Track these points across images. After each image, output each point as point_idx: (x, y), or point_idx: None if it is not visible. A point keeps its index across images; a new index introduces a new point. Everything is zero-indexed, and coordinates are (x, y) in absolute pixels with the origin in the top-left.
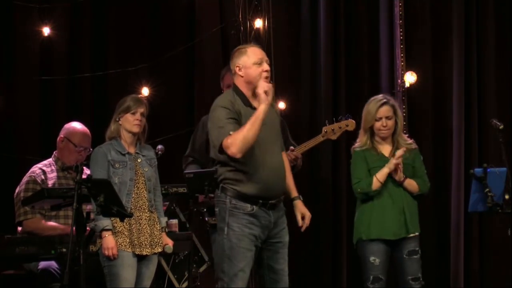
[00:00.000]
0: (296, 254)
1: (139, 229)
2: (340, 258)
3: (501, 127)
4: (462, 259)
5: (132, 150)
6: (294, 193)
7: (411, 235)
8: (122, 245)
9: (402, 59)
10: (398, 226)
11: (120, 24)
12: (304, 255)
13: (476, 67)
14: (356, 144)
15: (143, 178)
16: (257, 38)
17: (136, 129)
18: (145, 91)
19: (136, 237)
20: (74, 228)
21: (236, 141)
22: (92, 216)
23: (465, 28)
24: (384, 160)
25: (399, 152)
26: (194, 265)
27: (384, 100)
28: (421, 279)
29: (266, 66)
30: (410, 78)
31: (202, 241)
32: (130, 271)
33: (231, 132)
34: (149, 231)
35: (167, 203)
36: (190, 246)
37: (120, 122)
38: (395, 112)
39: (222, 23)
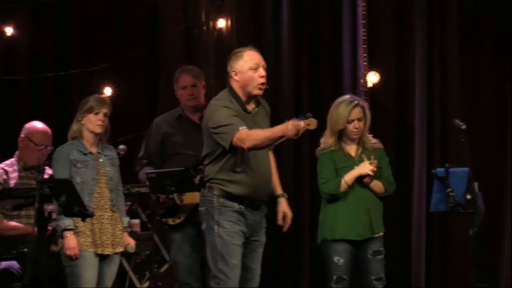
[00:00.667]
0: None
1: (101, 228)
2: (301, 259)
3: (463, 127)
4: (423, 259)
5: (94, 150)
6: (279, 190)
7: (376, 235)
8: (84, 245)
9: (365, 59)
10: (363, 226)
11: (83, 24)
12: (266, 256)
13: (439, 67)
14: (321, 146)
15: (105, 177)
16: (220, 38)
17: (98, 130)
18: (107, 91)
19: (98, 237)
20: (35, 228)
21: (253, 138)
22: (54, 216)
23: (428, 28)
24: (351, 161)
25: (375, 163)
26: (156, 265)
27: (356, 101)
28: (383, 279)
29: (262, 71)
30: (373, 78)
31: (163, 241)
32: (91, 271)
33: (242, 128)
34: (111, 231)
35: (129, 203)
36: (152, 246)
37: (82, 122)
38: (364, 113)
39: (185, 23)
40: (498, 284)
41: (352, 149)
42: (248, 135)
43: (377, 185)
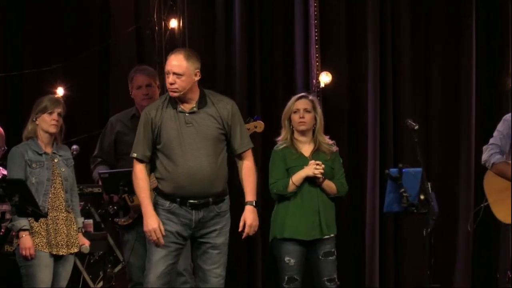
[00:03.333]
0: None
1: (56, 229)
2: (255, 259)
3: (416, 127)
4: (377, 259)
5: (49, 150)
6: (247, 197)
7: (326, 236)
8: (39, 245)
9: (317, 59)
10: (312, 227)
11: (34, 24)
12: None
13: (391, 67)
14: (279, 139)
15: (60, 178)
16: (172, 38)
17: (53, 129)
18: (60, 91)
19: (53, 237)
20: None
21: (135, 178)
22: (8, 215)
23: (380, 28)
24: (303, 160)
25: (320, 169)
26: (109, 265)
27: (303, 94)
28: (336, 279)
29: (168, 78)
30: (325, 78)
31: (117, 241)
32: (46, 272)
33: (134, 154)
34: (66, 231)
35: (82, 203)
36: (105, 246)
37: (37, 122)
38: (314, 108)
39: (137, 23)
40: (452, 285)
41: (305, 148)
42: (136, 172)
43: (329, 186)
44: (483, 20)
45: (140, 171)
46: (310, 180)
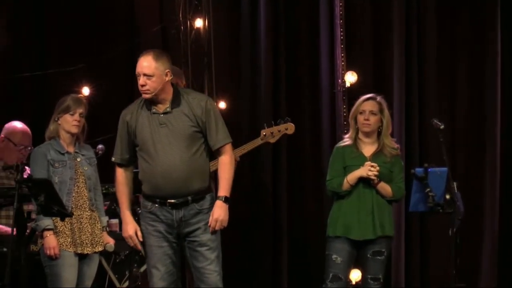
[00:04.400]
0: (236, 255)
1: (80, 228)
2: (280, 260)
3: (442, 127)
4: (403, 258)
5: (71, 149)
6: (219, 192)
7: (379, 237)
8: (63, 245)
9: (342, 59)
10: (364, 227)
11: (60, 24)
12: (245, 257)
13: (417, 66)
14: (345, 136)
15: (83, 177)
16: (197, 38)
17: (74, 130)
18: (85, 91)
19: (77, 236)
20: (15, 227)
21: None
22: (33, 215)
23: (406, 27)
24: (361, 160)
25: (374, 171)
26: (135, 265)
27: (372, 95)
28: (381, 280)
29: (139, 80)
30: (350, 78)
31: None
32: (71, 271)
33: (113, 158)
34: (90, 230)
35: (108, 202)
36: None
37: (59, 122)
38: (381, 110)
39: (162, 23)
40: (477, 284)
41: (367, 149)
42: (116, 176)
43: (384, 188)
44: (509, 19)
45: (119, 175)
46: (366, 181)
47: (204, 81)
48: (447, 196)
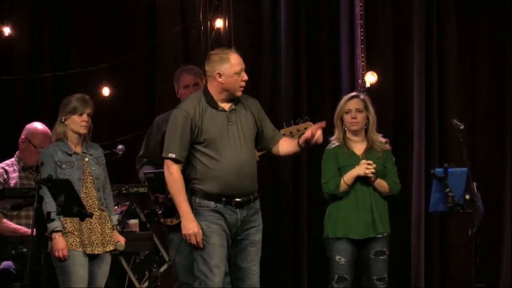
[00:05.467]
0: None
1: (89, 228)
2: (300, 259)
3: (462, 127)
4: (422, 259)
5: (78, 150)
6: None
7: (379, 235)
8: (72, 245)
9: (362, 59)
10: (365, 225)
11: (81, 24)
12: (265, 256)
13: (437, 67)
14: (332, 138)
15: (91, 177)
16: (217, 38)
17: (83, 130)
18: (105, 91)
19: (87, 237)
20: (34, 228)
21: (167, 176)
22: (53, 216)
23: (426, 28)
24: (355, 159)
25: (371, 168)
26: (155, 265)
27: (355, 94)
28: (386, 279)
29: (245, 76)
30: (370, 78)
31: (162, 241)
32: (82, 270)
33: (171, 155)
34: (100, 230)
35: (128, 203)
36: (151, 246)
37: (66, 123)
38: (366, 107)
39: (183, 23)
40: (498, 284)
41: (357, 147)
42: (172, 173)
43: (381, 185)
44: None
45: (176, 172)
46: (362, 179)
47: None
48: (467, 196)
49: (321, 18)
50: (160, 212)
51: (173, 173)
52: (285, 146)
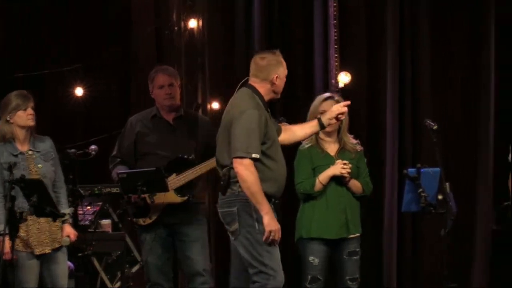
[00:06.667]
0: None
1: (38, 228)
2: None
3: (435, 127)
4: (395, 258)
5: (25, 148)
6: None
7: (352, 235)
8: (19, 246)
9: (336, 59)
10: (339, 225)
11: (55, 24)
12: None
13: (411, 67)
14: (304, 141)
15: (37, 176)
16: (191, 39)
17: (31, 123)
18: (79, 91)
19: (35, 237)
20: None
21: (247, 176)
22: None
23: (399, 28)
24: (329, 159)
25: (347, 168)
26: (127, 265)
27: (329, 95)
28: (358, 279)
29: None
30: (344, 78)
31: (134, 241)
32: (27, 272)
33: (255, 155)
34: (48, 229)
35: (100, 203)
36: (123, 246)
37: (11, 121)
38: None
39: (157, 24)
40: (469, 284)
41: (330, 148)
42: (254, 172)
43: (355, 185)
44: (503, 20)
45: (255, 171)
46: (336, 180)
47: (197, 81)
48: (440, 197)
49: (295, 18)
50: (133, 212)
51: (254, 172)
52: (300, 130)
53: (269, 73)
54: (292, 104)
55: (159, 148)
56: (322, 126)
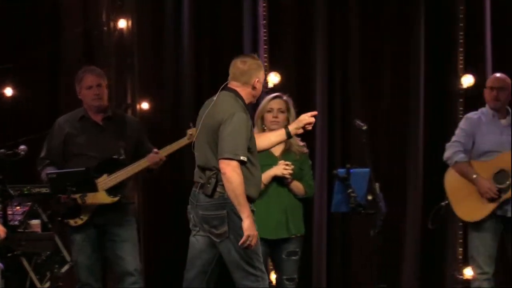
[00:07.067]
0: (157, 256)
1: None
2: None
3: (364, 127)
4: (324, 259)
5: None
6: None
7: (292, 236)
8: None
9: (265, 59)
10: (279, 226)
11: None
12: (165, 257)
13: (340, 67)
14: None
15: None
16: (121, 39)
17: None
18: (8, 91)
19: None
20: None
21: (233, 177)
22: None
23: (329, 28)
24: (272, 159)
25: (289, 169)
26: (56, 266)
27: (279, 94)
28: (296, 279)
29: None
30: (273, 78)
31: (64, 241)
32: None
33: (243, 158)
34: None
35: (30, 203)
36: (52, 246)
37: None
38: (288, 109)
39: (86, 24)
40: (399, 285)
41: (276, 148)
42: (240, 174)
43: (296, 187)
44: (432, 20)
45: (241, 174)
46: (278, 180)
47: (127, 82)
48: (369, 197)
49: (224, 18)
50: (63, 212)
51: (240, 175)
52: (264, 139)
53: (251, 77)
54: None
55: (88, 149)
56: (289, 135)
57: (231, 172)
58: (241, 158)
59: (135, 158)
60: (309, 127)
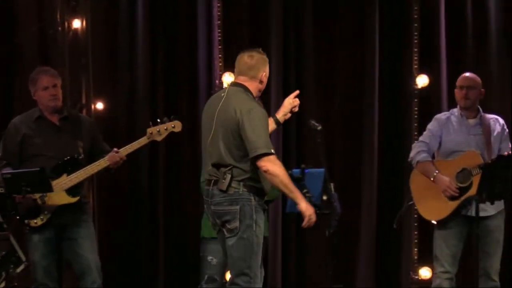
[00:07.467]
0: (113, 256)
1: None
2: (157, 261)
3: (319, 128)
4: (279, 259)
5: None
6: None
7: None
8: None
9: (220, 59)
10: None
11: None
12: (121, 258)
13: (295, 68)
14: None
15: None
16: (75, 38)
17: None
18: None
19: None
20: None
21: (276, 170)
22: None
23: (283, 29)
24: None
25: None
26: (12, 266)
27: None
28: None
29: None
30: (228, 79)
31: (19, 241)
32: None
33: (273, 150)
34: None
35: None
36: (8, 246)
37: None
38: None
39: (40, 23)
40: (354, 285)
41: None
42: (280, 164)
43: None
44: (387, 20)
45: (281, 164)
46: None
47: (81, 81)
48: (324, 197)
49: (179, 18)
50: (22, 213)
51: (281, 165)
52: None
53: (258, 71)
54: (175, 103)
55: (46, 150)
56: (278, 123)
57: (273, 166)
58: (272, 150)
59: (91, 157)
60: (296, 109)
